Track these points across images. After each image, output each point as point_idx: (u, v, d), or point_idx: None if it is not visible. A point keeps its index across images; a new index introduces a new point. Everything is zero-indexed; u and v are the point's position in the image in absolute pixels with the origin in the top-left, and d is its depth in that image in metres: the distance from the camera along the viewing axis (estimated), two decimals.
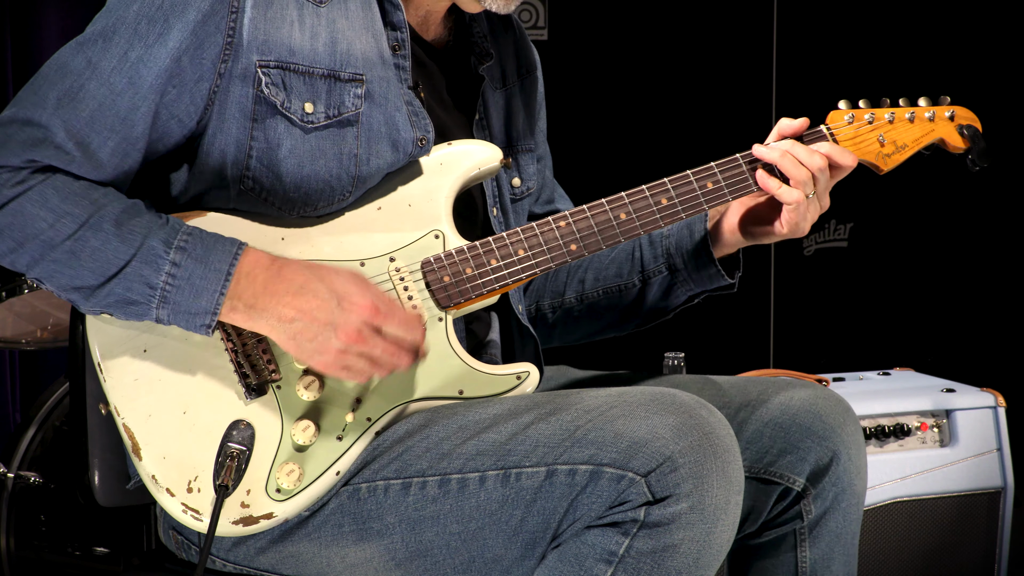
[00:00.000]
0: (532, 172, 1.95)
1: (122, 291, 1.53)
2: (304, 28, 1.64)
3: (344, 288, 1.55)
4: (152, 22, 1.57)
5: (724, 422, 1.54)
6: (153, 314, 1.54)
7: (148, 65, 1.57)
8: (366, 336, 1.53)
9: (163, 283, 1.53)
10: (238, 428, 1.58)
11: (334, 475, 1.59)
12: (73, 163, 1.55)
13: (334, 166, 1.65)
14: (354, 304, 1.54)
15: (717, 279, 1.90)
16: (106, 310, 1.56)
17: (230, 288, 1.53)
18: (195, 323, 1.55)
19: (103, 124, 1.56)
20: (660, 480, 1.47)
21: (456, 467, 1.56)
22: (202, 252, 1.54)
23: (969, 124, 1.86)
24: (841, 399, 1.80)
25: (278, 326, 1.54)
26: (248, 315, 1.55)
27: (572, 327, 2.05)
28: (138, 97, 1.57)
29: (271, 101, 1.61)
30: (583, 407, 1.55)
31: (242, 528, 1.57)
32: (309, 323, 1.53)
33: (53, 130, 1.54)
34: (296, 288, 1.54)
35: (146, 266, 1.52)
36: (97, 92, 1.56)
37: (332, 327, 1.53)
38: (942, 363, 3.48)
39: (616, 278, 1.98)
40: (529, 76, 1.98)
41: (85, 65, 1.56)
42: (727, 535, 1.51)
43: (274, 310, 1.53)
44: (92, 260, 1.52)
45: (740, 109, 4.00)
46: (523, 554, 1.55)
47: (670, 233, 1.92)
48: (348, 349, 1.53)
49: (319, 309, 1.53)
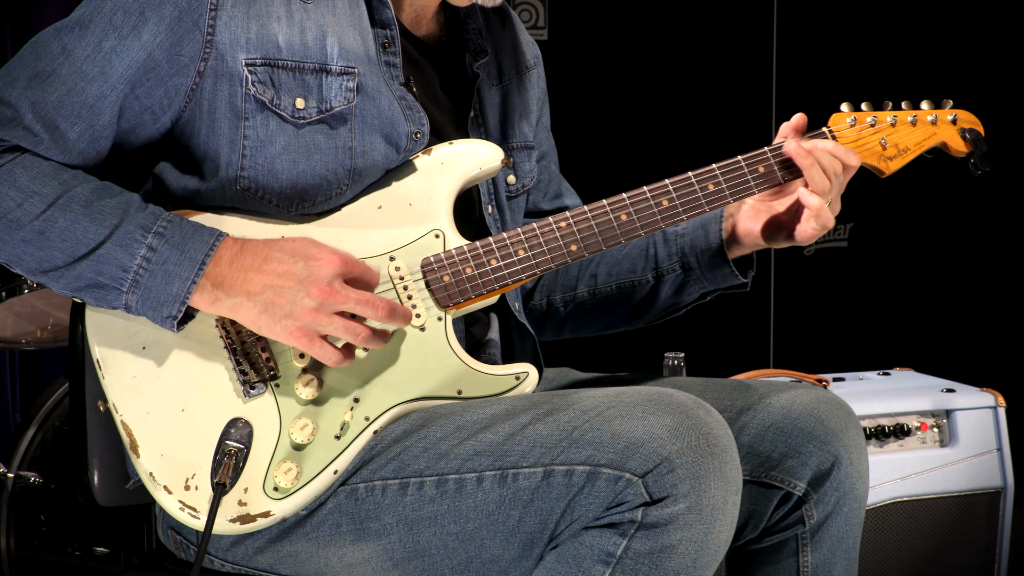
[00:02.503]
0: (528, 169, 1.95)
1: (92, 274, 1.53)
2: (292, 23, 1.64)
3: (306, 249, 1.55)
4: (128, 14, 1.57)
5: (722, 422, 1.53)
6: (122, 299, 1.54)
7: (120, 56, 1.58)
8: (338, 289, 1.53)
9: (137, 267, 1.52)
10: (236, 426, 1.58)
11: (332, 474, 1.59)
12: (40, 145, 1.55)
13: (329, 160, 1.65)
14: (320, 259, 1.54)
15: (730, 278, 1.90)
16: (76, 294, 1.56)
17: (202, 275, 1.53)
18: (162, 313, 1.54)
19: (70, 109, 1.56)
20: (657, 481, 1.47)
21: (454, 467, 1.56)
22: (179, 239, 1.53)
23: (972, 128, 1.85)
24: (843, 403, 1.80)
25: (247, 303, 1.53)
26: (214, 295, 1.54)
27: (583, 321, 2.04)
28: (107, 86, 1.57)
29: (260, 99, 1.61)
30: (581, 407, 1.55)
31: (239, 526, 1.57)
32: (279, 289, 1.53)
33: (21, 111, 1.55)
34: (260, 261, 1.54)
35: (121, 249, 1.52)
36: (68, 77, 1.56)
37: (302, 285, 1.52)
38: (942, 363, 3.48)
39: (629, 274, 1.98)
40: (527, 72, 1.97)
41: (60, 50, 1.57)
42: (725, 535, 1.51)
43: (241, 286, 1.53)
44: (61, 240, 1.52)
45: (740, 109, 4.00)
46: (521, 554, 1.55)
47: (685, 232, 1.93)
48: (323, 306, 1.53)
49: (286, 273, 1.53)
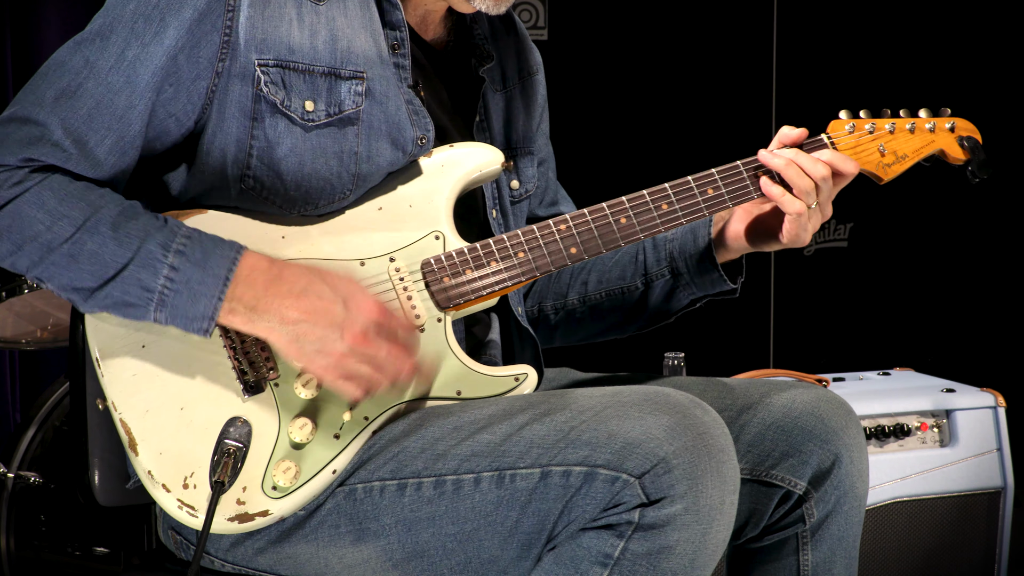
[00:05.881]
0: (531, 175, 1.95)
1: (120, 294, 1.53)
2: (303, 26, 1.64)
3: (348, 289, 1.54)
4: (149, 20, 1.57)
5: (719, 421, 1.53)
6: (151, 316, 1.54)
7: (144, 63, 1.57)
8: (371, 338, 1.52)
9: (160, 287, 1.52)
10: (235, 425, 1.58)
11: (331, 473, 1.59)
12: (70, 161, 1.54)
13: (335, 164, 1.65)
14: (360, 305, 1.53)
15: (719, 284, 1.90)
16: (105, 310, 1.56)
17: (228, 292, 1.52)
18: (193, 326, 1.54)
19: (100, 122, 1.56)
20: (654, 481, 1.46)
21: (451, 468, 1.55)
22: (200, 256, 1.53)
23: (969, 136, 1.85)
24: (843, 402, 1.80)
25: (280, 328, 1.53)
26: (248, 318, 1.53)
27: (574, 328, 2.04)
28: (135, 95, 1.57)
29: (271, 100, 1.61)
30: (578, 407, 1.54)
31: (238, 525, 1.57)
32: (314, 324, 1.52)
33: (51, 128, 1.54)
34: (299, 290, 1.53)
35: (143, 270, 1.52)
36: (95, 90, 1.56)
37: (338, 328, 1.52)
38: (942, 363, 3.48)
39: (619, 280, 1.97)
40: (530, 78, 1.97)
41: (83, 64, 1.56)
42: (723, 535, 1.50)
43: (277, 312, 1.52)
44: (90, 263, 1.52)
45: (740, 110, 4.00)
46: (519, 555, 1.55)
47: (674, 237, 1.92)
48: (352, 351, 1.52)
49: (325, 311, 1.52)
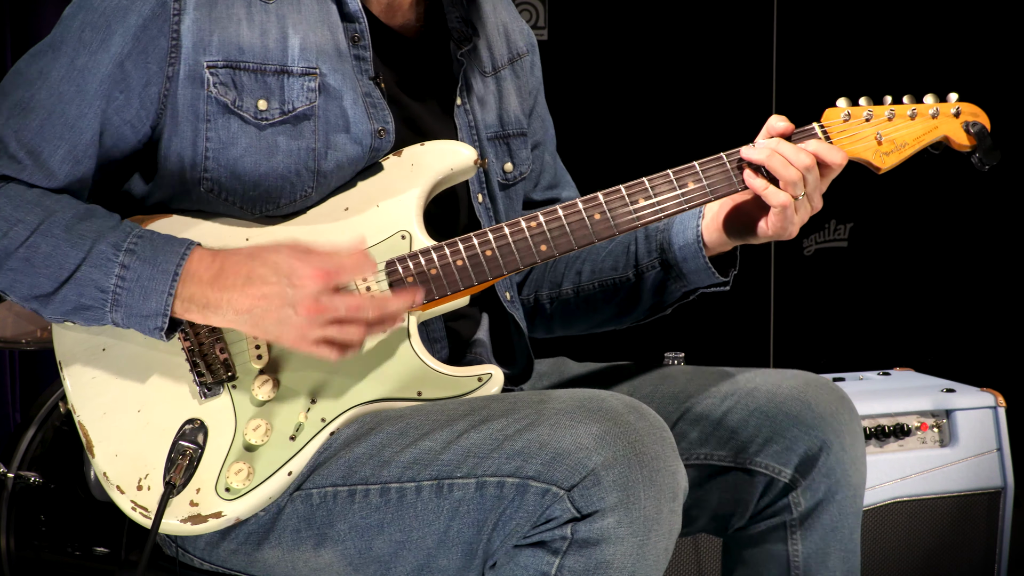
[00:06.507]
0: (524, 157, 1.92)
1: (76, 296, 1.54)
2: (253, 25, 1.64)
3: (288, 264, 1.53)
4: (95, 29, 1.58)
5: (658, 426, 1.49)
6: (108, 318, 1.55)
7: (92, 71, 1.58)
8: (325, 303, 1.52)
9: (113, 286, 1.53)
10: (191, 427, 1.58)
11: (286, 475, 1.58)
12: (24, 171, 1.57)
13: (292, 162, 1.64)
14: (303, 277, 1.52)
15: (709, 277, 1.84)
16: (66, 317, 1.57)
17: (179, 288, 1.53)
18: (148, 326, 1.55)
19: (52, 132, 1.57)
20: (584, 494, 1.43)
21: (395, 476, 1.54)
22: (151, 253, 1.54)
23: (976, 121, 1.78)
24: (835, 387, 1.75)
25: (236, 318, 1.53)
26: (204, 315, 1.55)
27: (570, 319, 2.02)
28: (84, 104, 1.58)
29: (221, 101, 1.62)
30: (515, 415, 1.51)
31: (191, 527, 1.57)
32: (267, 307, 1.52)
33: (6, 140, 1.56)
34: (243, 279, 1.53)
35: (96, 270, 1.53)
36: (47, 101, 1.57)
37: (290, 306, 1.51)
38: (942, 363, 3.48)
39: (612, 271, 1.94)
40: (520, 60, 1.95)
41: (37, 75, 1.59)
42: (662, 544, 1.47)
43: (228, 305, 1.53)
44: (45, 266, 1.53)
45: (740, 109, 3.99)
46: (463, 564, 1.53)
47: (665, 227, 1.88)
48: (311, 320, 1.52)
49: (272, 294, 1.52)
